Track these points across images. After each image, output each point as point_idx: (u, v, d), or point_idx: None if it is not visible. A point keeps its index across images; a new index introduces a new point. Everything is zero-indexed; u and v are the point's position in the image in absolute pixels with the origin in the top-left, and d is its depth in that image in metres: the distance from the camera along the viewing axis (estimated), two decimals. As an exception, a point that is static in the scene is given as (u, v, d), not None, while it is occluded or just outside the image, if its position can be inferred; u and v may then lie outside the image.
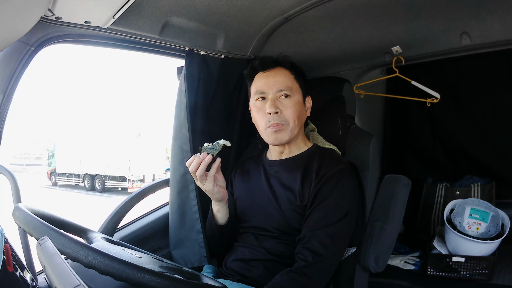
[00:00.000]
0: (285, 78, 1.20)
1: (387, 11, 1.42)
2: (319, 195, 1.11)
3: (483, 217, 1.70)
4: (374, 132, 1.87)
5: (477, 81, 2.04)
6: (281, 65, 1.22)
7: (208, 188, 1.15)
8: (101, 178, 13.85)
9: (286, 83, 1.19)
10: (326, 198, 1.10)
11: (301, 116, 1.20)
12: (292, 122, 1.17)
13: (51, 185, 15.81)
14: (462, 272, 1.67)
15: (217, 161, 1.13)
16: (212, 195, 1.18)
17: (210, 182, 1.13)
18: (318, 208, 1.10)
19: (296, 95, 1.20)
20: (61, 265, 0.59)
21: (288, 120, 1.17)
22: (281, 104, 1.17)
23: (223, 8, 1.26)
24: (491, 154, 2.07)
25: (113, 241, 1.00)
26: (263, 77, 1.21)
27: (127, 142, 13.39)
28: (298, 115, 1.19)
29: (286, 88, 1.18)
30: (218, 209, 1.22)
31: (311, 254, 1.05)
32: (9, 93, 1.01)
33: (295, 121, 1.18)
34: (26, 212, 0.79)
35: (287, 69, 1.22)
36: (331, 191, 1.11)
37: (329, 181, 1.12)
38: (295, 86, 1.20)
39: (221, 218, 1.24)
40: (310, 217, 1.11)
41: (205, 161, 1.10)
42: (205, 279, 0.90)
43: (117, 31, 1.17)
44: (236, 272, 1.19)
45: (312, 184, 1.14)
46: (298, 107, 1.19)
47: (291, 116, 1.17)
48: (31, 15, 0.91)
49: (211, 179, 1.13)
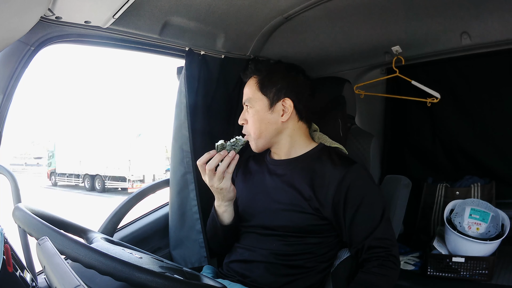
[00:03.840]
0: (249, 88, 1.23)
1: (387, 11, 1.42)
2: (349, 203, 1.11)
3: (483, 218, 1.70)
4: (374, 132, 1.87)
5: (477, 81, 2.04)
6: (254, 73, 1.24)
7: (225, 186, 1.11)
8: (101, 178, 13.86)
9: (247, 94, 1.23)
10: (360, 205, 1.11)
11: (265, 124, 1.20)
12: (253, 132, 1.21)
13: (51, 185, 15.82)
14: (462, 273, 1.67)
15: (236, 157, 1.10)
16: (227, 193, 1.14)
17: (228, 180, 1.11)
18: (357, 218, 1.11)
19: (256, 105, 1.20)
20: (61, 265, 0.59)
21: (249, 131, 1.22)
22: (248, 115, 1.22)
23: (223, 8, 1.26)
24: (491, 154, 2.07)
25: (113, 241, 0.99)
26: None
27: (127, 143, 13.40)
28: (259, 124, 1.19)
29: (246, 100, 1.23)
30: (226, 209, 1.19)
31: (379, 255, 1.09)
32: (9, 93, 1.01)
33: (256, 131, 1.20)
34: (26, 212, 0.79)
35: (256, 76, 1.23)
36: (361, 195, 1.12)
37: (353, 187, 1.12)
38: (256, 95, 1.21)
39: (228, 218, 1.21)
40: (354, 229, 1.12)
41: (230, 157, 1.08)
42: (205, 280, 0.90)
43: (117, 31, 1.17)
44: (236, 272, 1.19)
45: (329, 189, 1.13)
46: (258, 116, 1.20)
47: (251, 127, 1.21)
48: (31, 15, 0.91)
49: (229, 176, 1.11)
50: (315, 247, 1.16)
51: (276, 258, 1.15)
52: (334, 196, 1.12)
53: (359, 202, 1.11)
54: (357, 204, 1.11)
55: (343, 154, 1.25)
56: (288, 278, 1.14)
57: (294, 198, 1.16)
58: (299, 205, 1.15)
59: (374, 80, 2.03)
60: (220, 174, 1.08)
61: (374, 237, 1.10)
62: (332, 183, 1.13)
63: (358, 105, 1.72)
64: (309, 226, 1.14)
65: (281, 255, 1.15)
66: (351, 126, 1.57)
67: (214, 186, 1.11)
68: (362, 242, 1.10)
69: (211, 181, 1.11)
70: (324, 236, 1.17)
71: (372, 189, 1.16)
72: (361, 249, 1.11)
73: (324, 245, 1.17)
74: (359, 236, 1.11)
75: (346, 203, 1.11)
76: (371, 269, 1.08)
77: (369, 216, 1.12)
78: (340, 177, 1.12)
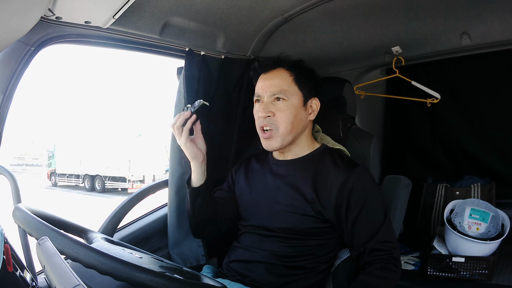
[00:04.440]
0: (282, 80, 1.17)
1: (387, 11, 1.42)
2: (351, 206, 1.11)
3: (483, 218, 1.70)
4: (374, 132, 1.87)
5: (477, 81, 2.04)
6: (281, 66, 1.19)
7: (182, 142, 1.19)
8: (101, 178, 13.86)
9: (281, 86, 1.16)
10: (362, 208, 1.11)
11: (297, 120, 1.16)
12: (283, 127, 1.14)
13: (51, 185, 15.82)
14: (462, 272, 1.67)
15: (193, 117, 1.19)
16: (187, 150, 1.20)
17: (184, 136, 1.18)
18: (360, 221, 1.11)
19: (292, 99, 1.16)
20: (60, 265, 0.59)
21: (277, 125, 1.15)
22: (275, 107, 1.16)
23: (223, 8, 1.26)
24: (491, 154, 2.07)
25: (113, 241, 0.99)
26: (262, 80, 1.21)
27: (127, 143, 13.39)
28: (293, 119, 1.15)
29: (280, 92, 1.15)
30: (193, 169, 1.22)
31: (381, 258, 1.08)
32: (9, 93, 1.01)
33: (287, 126, 1.14)
34: (26, 212, 0.79)
35: (287, 70, 1.19)
36: (363, 198, 1.11)
37: (356, 190, 1.12)
38: (292, 88, 1.16)
39: (194, 178, 1.22)
40: (356, 232, 1.12)
41: (184, 115, 1.17)
42: (205, 279, 0.90)
43: (117, 31, 1.17)
44: (236, 272, 1.19)
45: (332, 191, 1.12)
46: (293, 111, 1.15)
47: (283, 121, 1.14)
48: (31, 15, 0.91)
49: (186, 133, 1.18)
50: (316, 249, 1.16)
51: (276, 259, 1.15)
52: (336, 198, 1.12)
53: (361, 205, 1.11)
54: (360, 207, 1.11)
55: (345, 156, 1.24)
56: (288, 278, 1.14)
57: (295, 200, 1.15)
58: (300, 207, 1.14)
59: (374, 80, 2.03)
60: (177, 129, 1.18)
61: (377, 240, 1.09)
62: (335, 185, 1.12)
63: (358, 106, 1.72)
64: (310, 228, 1.14)
65: (282, 256, 1.15)
66: (351, 127, 1.57)
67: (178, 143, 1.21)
68: (364, 245, 1.10)
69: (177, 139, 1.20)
70: (325, 238, 1.16)
71: (375, 192, 1.15)
72: (363, 252, 1.11)
73: (324, 246, 1.17)
74: (361, 239, 1.11)
75: (348, 206, 1.11)
76: (373, 271, 1.08)
77: (371, 219, 1.11)
78: (343, 179, 1.12)
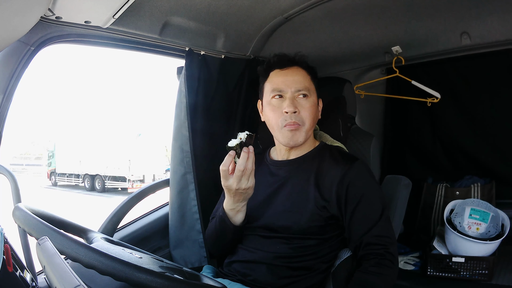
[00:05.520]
0: (303, 78, 1.18)
1: (387, 11, 1.42)
2: (349, 199, 1.11)
3: (483, 218, 1.70)
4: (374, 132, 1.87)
5: (477, 81, 2.04)
6: (298, 65, 1.21)
7: (253, 183, 1.07)
8: (101, 178, 13.86)
9: (304, 83, 1.17)
10: (359, 202, 1.11)
11: (315, 117, 1.20)
12: (308, 123, 1.16)
13: (51, 185, 15.82)
14: (462, 273, 1.67)
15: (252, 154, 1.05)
16: (251, 191, 1.09)
17: (253, 177, 1.06)
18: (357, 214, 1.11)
19: (312, 96, 1.19)
20: (60, 265, 0.59)
21: (304, 121, 1.15)
22: (299, 104, 1.15)
23: (223, 8, 1.26)
24: (491, 154, 2.07)
25: (113, 241, 0.99)
26: (281, 75, 1.19)
27: (127, 142, 13.39)
28: (314, 116, 1.18)
29: (304, 88, 1.16)
30: (240, 209, 1.15)
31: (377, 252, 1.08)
32: (9, 93, 1.01)
33: (311, 122, 1.17)
34: (26, 212, 0.79)
35: (304, 69, 1.20)
36: (360, 192, 1.12)
37: (354, 184, 1.12)
38: (312, 87, 1.20)
39: (241, 217, 1.17)
40: (353, 225, 1.11)
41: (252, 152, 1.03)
42: (205, 279, 0.90)
43: (117, 31, 1.17)
44: (237, 271, 1.19)
45: (332, 186, 1.13)
46: (314, 108, 1.18)
47: (308, 117, 1.16)
48: (31, 15, 0.91)
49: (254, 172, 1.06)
50: (317, 248, 1.16)
51: (278, 260, 1.15)
52: (337, 192, 1.13)
53: (358, 198, 1.11)
54: (357, 201, 1.11)
55: (345, 152, 1.25)
56: (290, 279, 1.14)
57: (298, 200, 1.15)
58: (303, 206, 1.14)
59: (374, 80, 2.03)
60: (249, 172, 1.04)
61: (372, 234, 1.09)
62: (335, 179, 1.13)
63: (358, 105, 1.72)
64: (312, 227, 1.14)
65: (284, 257, 1.15)
66: (351, 126, 1.57)
67: (242, 187, 1.06)
68: (360, 239, 1.10)
69: (239, 183, 1.05)
70: (327, 238, 1.16)
71: (372, 186, 1.16)
72: (359, 245, 1.11)
73: (326, 246, 1.17)
74: (357, 232, 1.11)
75: (347, 199, 1.12)
76: (368, 268, 1.07)
77: (368, 213, 1.11)
78: (341, 173, 1.13)
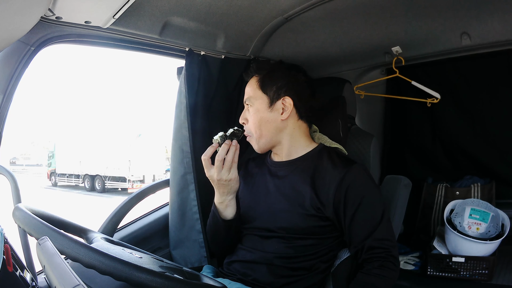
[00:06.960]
0: (250, 87, 1.23)
1: (387, 11, 1.42)
2: (349, 203, 1.11)
3: (483, 218, 1.70)
4: (374, 132, 1.87)
5: (477, 81, 2.04)
6: (255, 73, 1.24)
7: (235, 176, 1.13)
8: (101, 178, 13.87)
9: (248, 93, 1.22)
10: (359, 205, 1.11)
11: (264, 123, 1.19)
12: (255, 132, 1.20)
13: (51, 185, 15.82)
14: (462, 273, 1.67)
15: (238, 146, 1.13)
16: (234, 184, 1.16)
17: (235, 169, 1.13)
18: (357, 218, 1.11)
19: (256, 103, 1.20)
20: (60, 265, 0.59)
21: (251, 131, 1.21)
22: (248, 114, 1.22)
23: (223, 8, 1.26)
24: (491, 154, 2.07)
25: (113, 241, 1.00)
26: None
27: (127, 143, 13.40)
28: (258, 123, 1.19)
29: (247, 99, 1.22)
30: (229, 202, 1.20)
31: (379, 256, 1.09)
32: (9, 93, 1.01)
33: (256, 130, 1.19)
34: (26, 212, 0.79)
35: (257, 75, 1.23)
36: (360, 195, 1.11)
37: (353, 187, 1.12)
38: (256, 93, 1.20)
39: (231, 212, 1.21)
40: (354, 229, 1.12)
41: (235, 145, 1.11)
42: (205, 279, 0.90)
43: (117, 31, 1.17)
44: (237, 271, 1.19)
45: (330, 189, 1.13)
46: (258, 114, 1.19)
47: (252, 126, 1.20)
48: (31, 15, 0.91)
49: (236, 165, 1.13)
50: (317, 248, 1.16)
51: (278, 260, 1.15)
52: (334, 196, 1.12)
53: (358, 202, 1.11)
54: (357, 204, 1.11)
55: (343, 155, 1.25)
56: (289, 279, 1.14)
57: (295, 200, 1.16)
58: (300, 206, 1.15)
59: (374, 80, 2.03)
60: (229, 164, 1.11)
61: (374, 237, 1.10)
62: (333, 183, 1.13)
63: (358, 106, 1.72)
64: (311, 227, 1.14)
65: (284, 258, 1.15)
66: (351, 127, 1.57)
67: (223, 178, 1.12)
68: (362, 243, 1.10)
69: (220, 174, 1.11)
70: (325, 237, 1.17)
71: (372, 189, 1.16)
72: (361, 249, 1.11)
73: (325, 245, 1.17)
74: (359, 236, 1.11)
75: (346, 203, 1.11)
76: (371, 270, 1.08)
77: (369, 216, 1.12)
78: (340, 177, 1.13)
